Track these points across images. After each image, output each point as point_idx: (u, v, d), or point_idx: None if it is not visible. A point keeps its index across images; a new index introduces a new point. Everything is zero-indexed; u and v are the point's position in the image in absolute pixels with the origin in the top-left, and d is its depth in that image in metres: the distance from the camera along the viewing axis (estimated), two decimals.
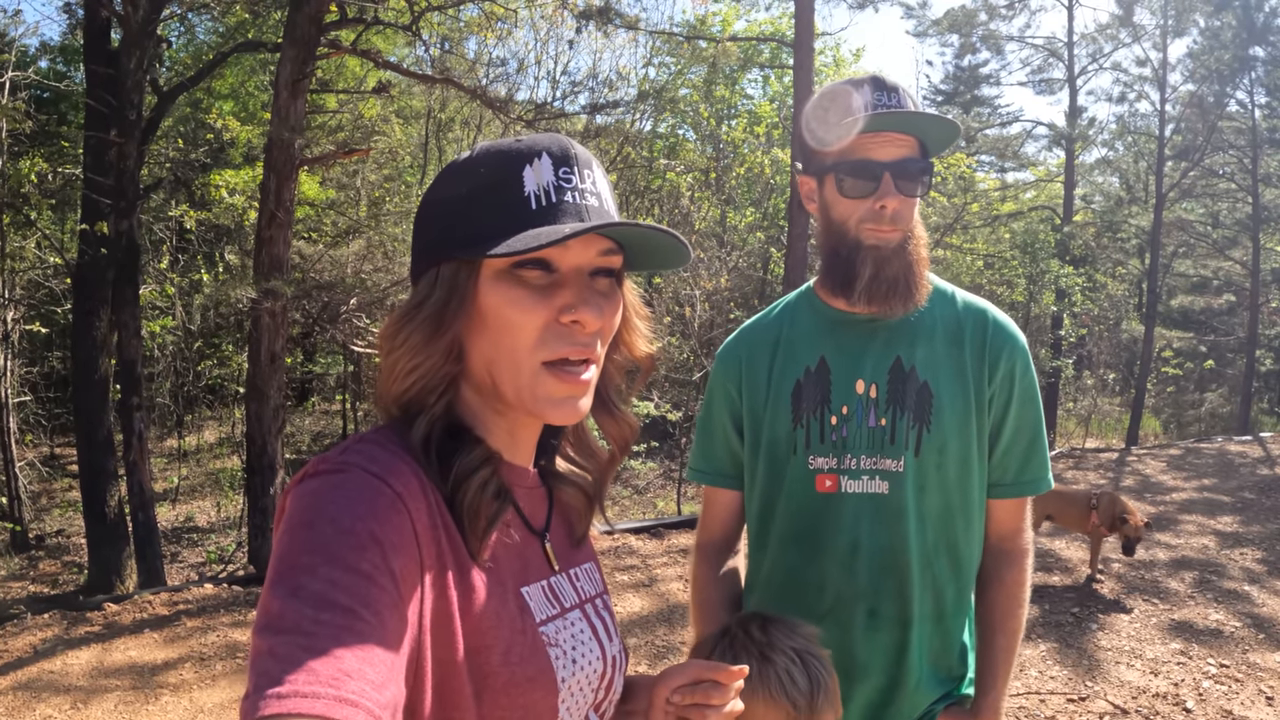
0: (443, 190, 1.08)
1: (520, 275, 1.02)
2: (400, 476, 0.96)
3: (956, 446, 1.79)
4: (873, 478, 1.80)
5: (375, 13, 9.65)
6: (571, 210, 1.03)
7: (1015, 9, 21.54)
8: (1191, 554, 7.79)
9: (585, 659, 1.11)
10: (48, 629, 6.53)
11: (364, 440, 1.01)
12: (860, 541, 1.80)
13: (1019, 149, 22.29)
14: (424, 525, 0.95)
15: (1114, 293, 20.36)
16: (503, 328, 1.02)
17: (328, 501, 0.90)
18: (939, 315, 1.85)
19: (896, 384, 1.81)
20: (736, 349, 1.99)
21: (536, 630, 1.05)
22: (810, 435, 1.84)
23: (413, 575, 0.91)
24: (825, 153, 1.79)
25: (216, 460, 16.25)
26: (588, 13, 10.96)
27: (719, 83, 19.14)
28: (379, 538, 0.88)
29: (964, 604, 1.88)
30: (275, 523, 0.95)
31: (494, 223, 1.01)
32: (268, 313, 8.30)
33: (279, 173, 8.33)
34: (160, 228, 14.91)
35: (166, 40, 11.38)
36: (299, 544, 0.87)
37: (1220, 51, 17.88)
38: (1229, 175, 20.54)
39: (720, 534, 2.04)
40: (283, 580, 0.84)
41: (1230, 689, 5.24)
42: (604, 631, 1.18)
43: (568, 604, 1.14)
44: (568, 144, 1.06)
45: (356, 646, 0.80)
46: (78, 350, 9.42)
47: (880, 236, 1.76)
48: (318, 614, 0.81)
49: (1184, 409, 22.36)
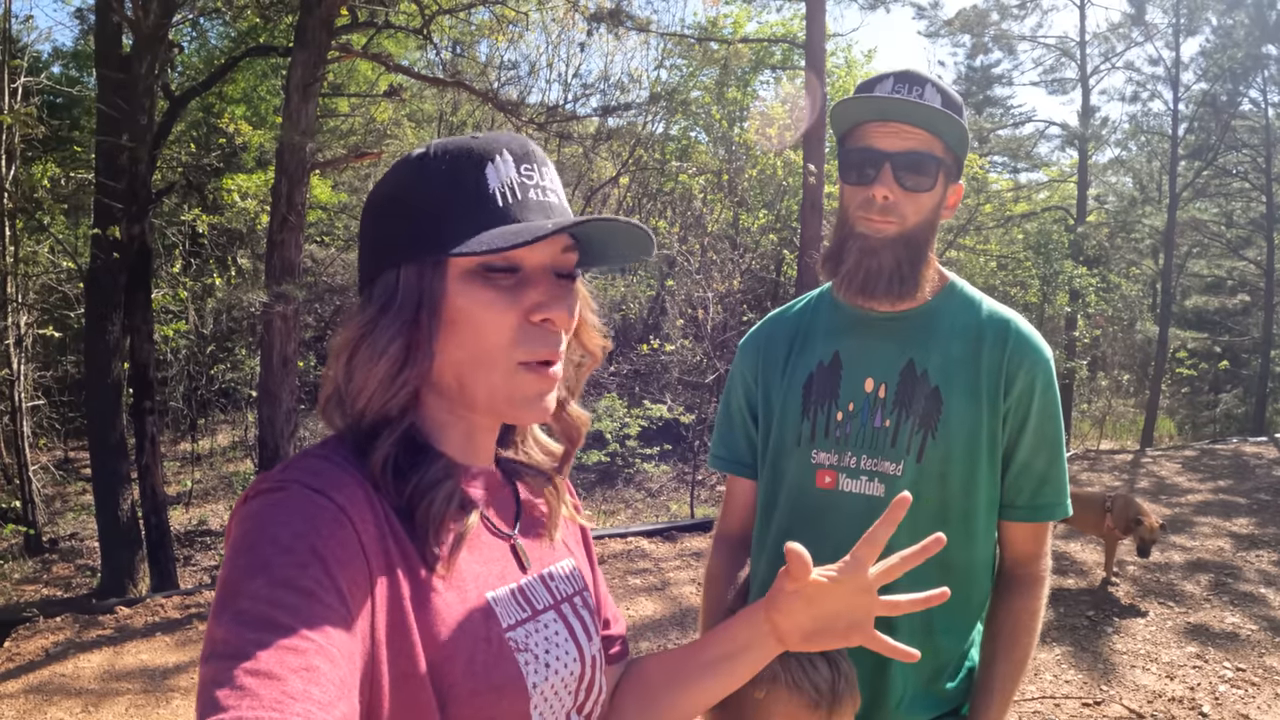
0: (398, 188, 1.04)
1: (489, 276, 1.00)
2: (343, 489, 0.94)
3: (962, 457, 1.74)
4: (871, 479, 1.76)
5: (386, 16, 9.67)
6: (536, 207, 1.01)
7: (1027, 9, 21.47)
8: (1207, 556, 7.74)
9: (560, 661, 1.09)
10: (60, 632, 6.55)
11: (307, 455, 0.99)
12: (848, 544, 1.76)
13: (1032, 149, 22.22)
14: (371, 537, 0.93)
15: (1128, 293, 20.25)
16: (475, 330, 1.00)
17: (267, 521, 0.89)
18: (960, 322, 1.80)
19: (906, 386, 1.76)
20: (757, 338, 1.99)
21: (503, 637, 1.03)
22: (816, 429, 1.82)
23: (361, 589, 0.90)
24: (841, 138, 1.79)
25: (229, 464, 16.29)
26: (599, 15, 10.95)
27: (731, 85, 19.12)
28: (321, 554, 0.87)
29: (961, 623, 1.82)
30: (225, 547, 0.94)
31: (459, 222, 0.99)
32: (280, 316, 8.30)
33: (290, 176, 8.34)
34: (173, 232, 14.96)
35: (178, 45, 11.39)
36: (240, 568, 0.86)
37: (1233, 50, 17.82)
38: (1243, 174, 20.45)
39: (739, 525, 2.04)
40: (226, 606, 0.83)
41: (1247, 692, 5.21)
42: (583, 631, 1.16)
43: (540, 606, 1.11)
44: (526, 141, 1.05)
45: (301, 667, 0.79)
46: (90, 354, 9.46)
47: (870, 226, 1.73)
48: (261, 636, 0.80)
49: (1199, 410, 22.26)
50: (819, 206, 10.46)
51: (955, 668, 1.83)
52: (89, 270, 9.43)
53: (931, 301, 1.81)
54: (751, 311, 15.72)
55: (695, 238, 16.36)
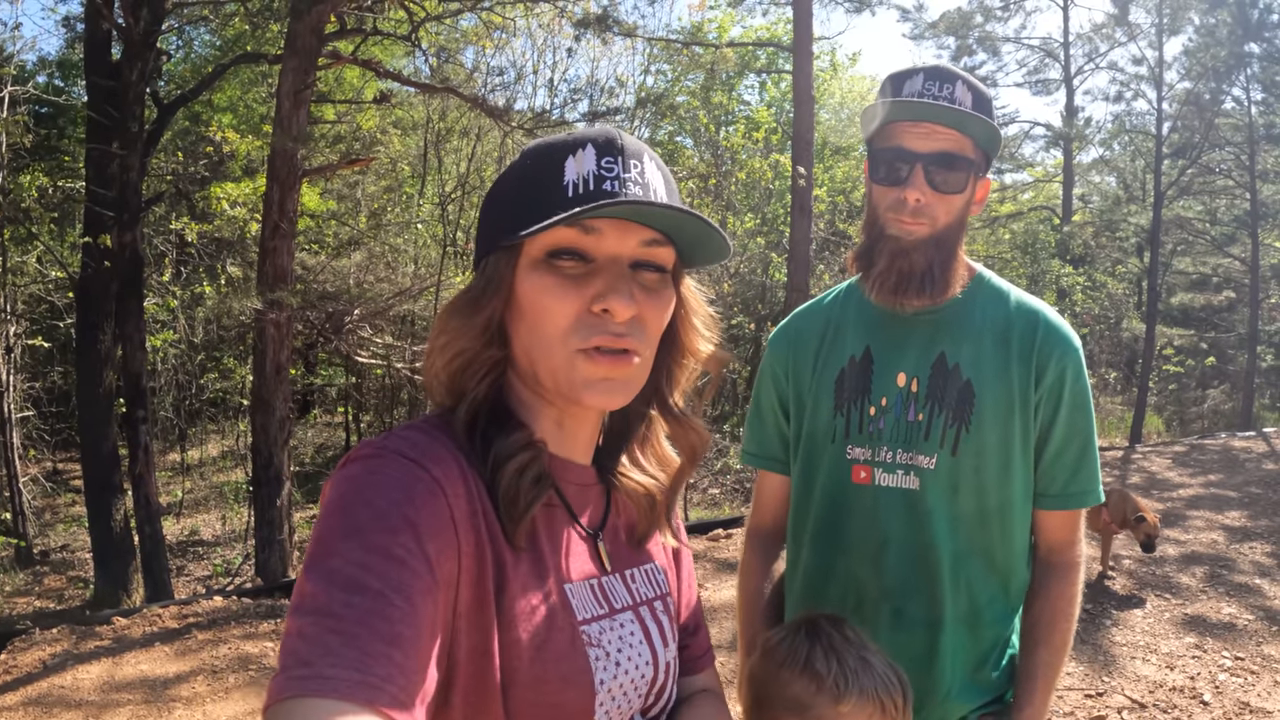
0: (497, 187, 1.11)
1: (555, 264, 1.02)
2: (439, 461, 0.96)
3: (996, 449, 1.73)
4: (906, 473, 1.76)
5: (374, 23, 9.68)
6: (607, 197, 1.02)
7: (1011, 10, 21.62)
8: (1201, 549, 7.78)
9: (632, 662, 1.09)
10: (56, 644, 6.50)
11: (407, 426, 1.02)
12: (889, 537, 1.77)
13: (1017, 150, 22.34)
14: (462, 511, 0.95)
15: (1114, 291, 20.35)
16: (537, 315, 1.03)
17: (364, 486, 0.91)
18: (989, 314, 1.80)
19: (938, 380, 1.76)
20: (786, 333, 1.98)
21: (576, 628, 1.04)
22: (850, 424, 1.81)
23: (449, 561, 0.91)
24: (871, 137, 1.77)
25: (220, 473, 16.25)
26: (586, 21, 10.98)
27: (717, 89, 19.17)
28: (414, 521, 0.89)
29: (1005, 612, 1.83)
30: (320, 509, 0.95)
31: (530, 212, 1.01)
32: (273, 324, 8.30)
33: (282, 183, 8.34)
34: (161, 241, 14.90)
35: (166, 53, 11.38)
36: (334, 528, 0.87)
37: (1216, 49, 17.89)
38: (1227, 172, 20.54)
39: (770, 520, 2.03)
40: (317, 563, 0.85)
41: (1247, 680, 5.24)
42: (659, 636, 1.16)
43: (619, 605, 1.12)
44: (615, 134, 1.06)
45: (385, 630, 0.80)
46: (81, 364, 9.43)
47: (902, 228, 1.72)
48: (349, 597, 0.81)
49: (1186, 406, 22.32)
50: (808, 209, 10.45)
51: (999, 656, 1.84)
52: (79, 279, 9.39)
53: (960, 295, 1.80)
54: (741, 314, 15.73)
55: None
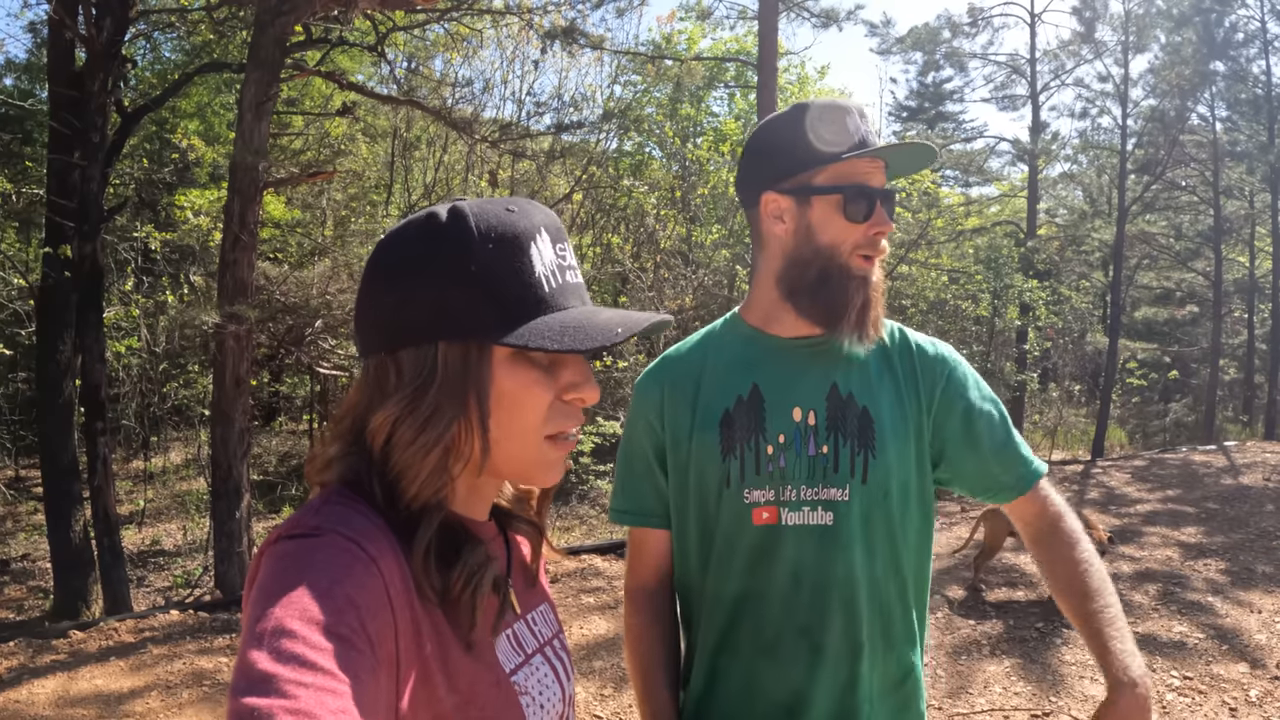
0: (426, 255, 1.02)
1: (530, 356, 1.03)
2: (373, 540, 0.95)
3: (900, 471, 1.74)
4: (814, 508, 1.73)
5: (340, 34, 9.66)
6: (574, 291, 1.05)
7: (978, 26, 21.78)
8: (1155, 566, 7.87)
9: (550, 703, 1.12)
10: (12, 657, 6.46)
11: (329, 503, 0.99)
12: (802, 576, 1.73)
13: (983, 164, 22.47)
14: (397, 588, 0.94)
15: (1078, 305, 20.49)
16: (515, 409, 1.02)
17: (305, 565, 0.89)
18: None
19: (835, 410, 1.75)
20: (657, 378, 1.90)
21: (509, 681, 1.06)
22: (745, 466, 1.76)
23: (387, 638, 0.91)
24: (815, 174, 1.73)
25: (183, 482, 16.11)
26: (553, 33, 11.01)
27: (684, 101, 19.22)
28: (356, 601, 0.88)
29: (912, 629, 1.81)
30: (247, 584, 0.94)
31: (516, 305, 1.00)
32: (232, 337, 8.27)
33: (243, 195, 8.31)
34: (125, 248, 14.79)
35: (131, 60, 11.30)
36: (276, 606, 0.86)
37: (1181, 67, 18.10)
38: (1191, 188, 20.80)
39: (654, 578, 1.94)
40: (261, 642, 0.83)
41: (1194, 700, 5.29)
42: (563, 672, 1.19)
43: (529, 649, 1.14)
44: (554, 216, 1.07)
45: (339, 709, 0.79)
46: (42, 374, 9.36)
47: (867, 266, 1.73)
48: (299, 675, 0.80)
49: (1149, 419, 22.55)
50: None
51: (909, 672, 1.81)
52: (40, 289, 9.32)
53: None
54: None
55: (649, 254, 16.40)
